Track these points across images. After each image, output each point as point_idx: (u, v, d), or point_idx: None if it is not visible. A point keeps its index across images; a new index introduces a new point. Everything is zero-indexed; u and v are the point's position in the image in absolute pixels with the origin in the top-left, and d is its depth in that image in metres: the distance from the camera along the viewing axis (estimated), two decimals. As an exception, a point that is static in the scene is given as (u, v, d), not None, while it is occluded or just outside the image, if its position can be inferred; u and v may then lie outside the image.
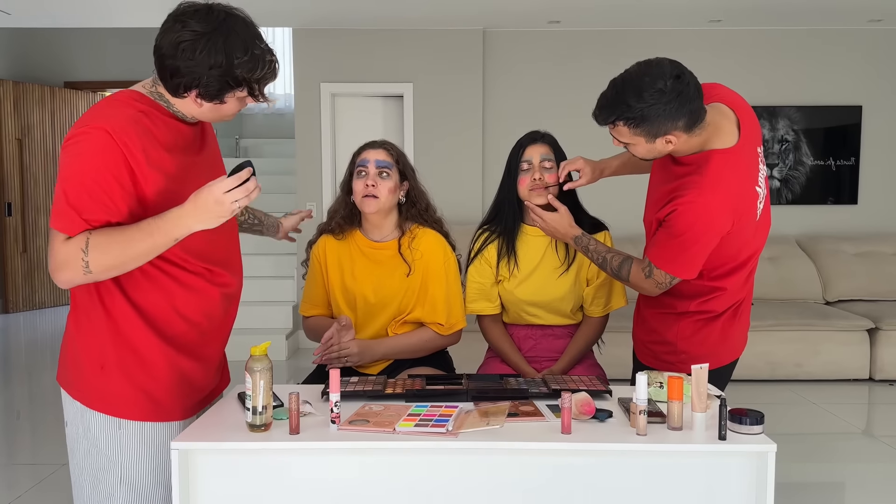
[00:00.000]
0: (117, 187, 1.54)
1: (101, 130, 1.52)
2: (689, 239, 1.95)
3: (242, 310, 6.71)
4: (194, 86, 1.58)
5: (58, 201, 1.54)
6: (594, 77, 5.70)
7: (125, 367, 1.66)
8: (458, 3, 4.96)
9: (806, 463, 3.55)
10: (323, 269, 2.43)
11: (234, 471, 1.63)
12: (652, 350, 2.26)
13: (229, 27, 1.56)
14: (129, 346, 1.65)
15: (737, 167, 1.95)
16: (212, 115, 1.67)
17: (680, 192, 1.95)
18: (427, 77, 5.73)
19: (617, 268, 2.18)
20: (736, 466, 1.62)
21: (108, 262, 1.55)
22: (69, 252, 1.53)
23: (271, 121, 8.68)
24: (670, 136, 1.89)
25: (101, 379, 1.66)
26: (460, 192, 5.68)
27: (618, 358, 2.47)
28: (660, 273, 2.04)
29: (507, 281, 2.47)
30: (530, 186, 2.38)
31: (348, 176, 2.39)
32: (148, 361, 1.67)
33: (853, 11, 5.24)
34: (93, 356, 1.66)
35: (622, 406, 1.82)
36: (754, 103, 6.21)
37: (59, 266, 1.54)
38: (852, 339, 4.85)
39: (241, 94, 1.62)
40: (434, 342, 2.41)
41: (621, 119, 1.88)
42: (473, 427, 1.66)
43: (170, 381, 1.71)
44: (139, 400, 1.68)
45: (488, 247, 2.49)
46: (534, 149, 2.40)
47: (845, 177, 5.83)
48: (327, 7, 5.08)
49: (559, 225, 2.30)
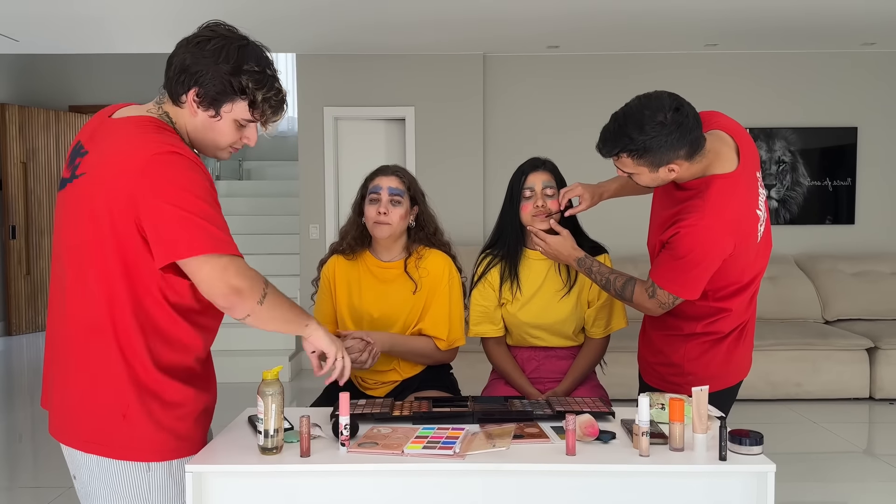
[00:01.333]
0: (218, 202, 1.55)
1: (177, 154, 1.50)
2: (691, 261, 2.00)
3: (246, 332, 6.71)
4: (196, 82, 1.54)
5: (194, 226, 1.47)
6: (593, 101, 5.83)
7: (150, 411, 1.58)
8: (459, 28, 5.05)
9: (807, 482, 3.57)
10: (332, 288, 2.48)
11: (246, 493, 1.67)
12: (658, 371, 2.29)
13: (248, 42, 1.59)
14: (150, 391, 1.58)
15: (737, 191, 2.00)
16: (204, 134, 1.61)
17: (682, 216, 2.00)
18: (428, 101, 5.81)
19: (620, 288, 2.21)
20: (737, 486, 1.66)
21: (266, 317, 1.60)
22: (255, 281, 1.56)
23: (275, 143, 8.76)
24: (673, 164, 1.95)
25: (123, 428, 1.57)
26: (461, 214, 5.73)
27: (621, 377, 2.51)
28: (663, 293, 2.09)
29: (510, 304, 2.51)
30: (533, 213, 2.43)
31: (360, 199, 2.46)
32: (171, 402, 1.61)
33: (847, 35, 5.33)
34: (109, 403, 1.57)
35: (625, 427, 1.86)
36: (751, 125, 6.30)
37: (246, 287, 1.53)
38: (852, 358, 4.88)
39: (239, 108, 1.58)
40: (433, 354, 2.45)
41: (625, 151, 1.94)
42: (480, 449, 1.69)
43: (194, 417, 1.67)
44: (167, 441, 1.62)
45: (491, 270, 2.53)
46: (536, 176, 2.45)
47: (842, 197, 5.90)
48: (330, 33, 5.17)
49: (562, 248, 2.35)
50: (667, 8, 4.59)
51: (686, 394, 2.06)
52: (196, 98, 1.56)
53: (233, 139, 1.63)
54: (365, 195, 2.43)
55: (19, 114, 7.26)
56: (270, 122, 1.65)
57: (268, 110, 1.61)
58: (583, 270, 2.33)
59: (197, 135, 1.62)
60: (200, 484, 1.64)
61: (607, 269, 2.29)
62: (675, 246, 2.00)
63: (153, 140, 1.51)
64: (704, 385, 1.74)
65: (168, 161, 1.48)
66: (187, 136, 1.62)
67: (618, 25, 5.00)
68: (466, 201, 5.81)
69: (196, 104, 1.57)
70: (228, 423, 1.94)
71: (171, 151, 1.49)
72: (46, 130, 7.49)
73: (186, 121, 1.60)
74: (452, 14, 4.69)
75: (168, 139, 1.53)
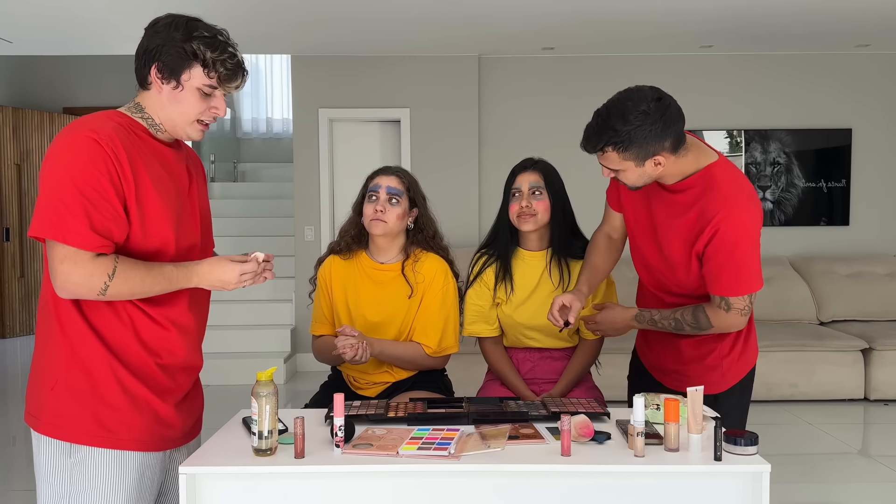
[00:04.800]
0: (114, 193, 1.55)
1: (87, 138, 1.53)
2: (743, 251, 1.94)
3: (240, 334, 6.70)
4: (155, 57, 1.60)
5: (51, 209, 1.50)
6: (588, 102, 5.73)
7: (74, 387, 1.61)
8: (454, 30, 5.05)
9: (802, 483, 3.57)
10: (328, 289, 2.48)
11: (240, 495, 1.66)
12: (686, 373, 2.19)
13: (198, 20, 1.65)
14: (82, 366, 1.61)
15: (737, 170, 2.02)
16: (172, 109, 1.65)
17: (707, 215, 1.94)
18: (424, 102, 5.81)
19: (693, 322, 2.07)
20: (731, 487, 1.66)
21: (124, 292, 1.57)
22: (94, 272, 1.53)
23: (269, 145, 8.76)
24: (659, 157, 1.90)
25: (51, 400, 1.61)
26: (457, 215, 5.73)
27: (616, 379, 2.50)
28: (737, 300, 1.99)
29: (505, 305, 2.51)
30: (517, 213, 2.43)
31: (360, 198, 2.46)
32: (100, 383, 1.61)
33: (841, 37, 5.35)
34: (45, 377, 1.63)
35: (620, 428, 1.85)
36: (746, 127, 6.32)
37: (76, 283, 1.53)
38: (847, 359, 4.89)
39: (197, 74, 1.62)
40: (421, 361, 2.44)
41: (609, 144, 1.88)
42: (475, 450, 1.69)
43: (123, 406, 1.64)
44: (88, 424, 1.61)
45: (486, 270, 2.53)
46: (524, 177, 2.45)
47: (837, 198, 5.91)
48: (325, 34, 5.17)
49: (614, 319, 2.24)
50: (661, 10, 4.60)
51: (719, 388, 2.10)
52: (158, 73, 1.62)
53: (200, 109, 1.66)
54: (365, 195, 2.43)
55: (13, 115, 7.24)
56: (227, 86, 1.67)
57: (222, 71, 1.63)
58: (646, 325, 2.20)
59: (166, 112, 1.66)
60: (194, 486, 1.63)
61: (668, 311, 2.13)
62: (722, 244, 1.93)
63: (82, 123, 1.58)
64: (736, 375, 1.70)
65: (62, 139, 1.54)
66: (158, 118, 1.67)
67: (613, 27, 5.01)
68: (462, 203, 5.81)
69: (159, 80, 1.62)
70: (222, 425, 1.93)
71: (75, 132, 1.54)
72: (40, 132, 7.47)
73: (155, 100, 1.65)
74: (447, 15, 4.69)
75: (90, 122, 1.58)
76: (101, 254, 1.55)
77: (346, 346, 2.23)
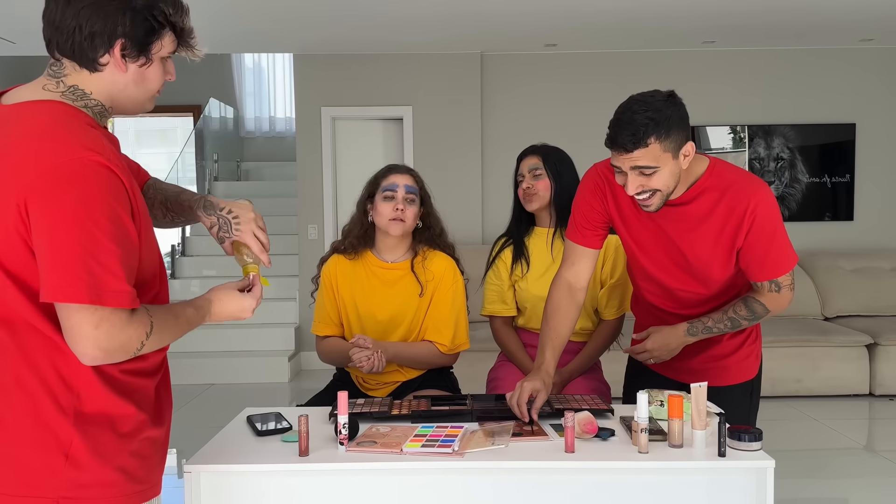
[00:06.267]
0: (135, 232, 1.30)
1: (97, 164, 1.24)
2: (779, 229, 1.97)
3: (244, 332, 6.70)
4: (119, 34, 1.31)
5: (80, 265, 1.21)
6: (591, 98, 5.82)
7: (100, 445, 1.30)
8: (456, 27, 5.04)
9: (807, 479, 3.56)
10: (334, 289, 2.47)
11: (244, 493, 1.66)
12: (707, 368, 2.16)
13: None
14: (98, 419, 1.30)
15: (730, 163, 2.02)
16: (136, 89, 1.39)
17: (739, 209, 1.91)
18: (426, 100, 5.80)
19: (749, 314, 2.05)
20: (736, 483, 1.66)
21: (155, 346, 1.34)
22: (133, 333, 1.28)
23: (272, 144, 8.75)
24: (687, 147, 1.86)
25: (68, 472, 1.27)
26: (460, 212, 5.72)
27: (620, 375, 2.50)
28: (784, 278, 2.01)
29: (521, 280, 2.56)
30: (522, 196, 2.54)
31: (367, 196, 2.44)
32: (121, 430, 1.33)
33: (845, 31, 5.33)
34: (49, 446, 1.27)
35: (624, 424, 1.85)
36: (749, 122, 6.30)
37: (117, 347, 1.26)
38: (851, 354, 4.88)
39: (167, 42, 1.38)
40: (435, 359, 2.45)
41: (653, 133, 1.79)
42: (479, 447, 1.69)
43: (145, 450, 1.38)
44: (122, 482, 1.33)
45: (504, 251, 2.62)
46: (525, 161, 2.57)
47: (841, 193, 5.89)
48: (327, 33, 5.17)
49: (665, 340, 2.11)
50: (664, 5, 4.59)
51: (737, 381, 2.13)
52: (122, 51, 1.34)
53: (162, 81, 1.43)
54: (374, 193, 2.41)
55: (17, 116, 7.24)
56: (193, 42, 1.44)
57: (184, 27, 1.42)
58: (702, 335, 2.09)
59: (128, 93, 1.39)
60: (199, 483, 1.64)
61: (718, 312, 2.07)
62: (762, 229, 1.92)
63: (64, 138, 1.26)
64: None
65: (74, 173, 1.22)
66: (110, 102, 1.38)
67: (615, 23, 5.00)
68: (465, 200, 5.81)
69: (124, 59, 1.34)
70: (226, 423, 1.94)
71: (86, 160, 1.23)
72: (44, 132, 7.46)
73: (111, 83, 1.36)
74: (450, 13, 4.68)
75: (84, 137, 1.27)
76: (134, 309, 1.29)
77: (362, 358, 2.24)
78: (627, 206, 2.04)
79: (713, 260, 2.01)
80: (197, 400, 5.06)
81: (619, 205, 2.06)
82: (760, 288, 2.03)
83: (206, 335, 5.63)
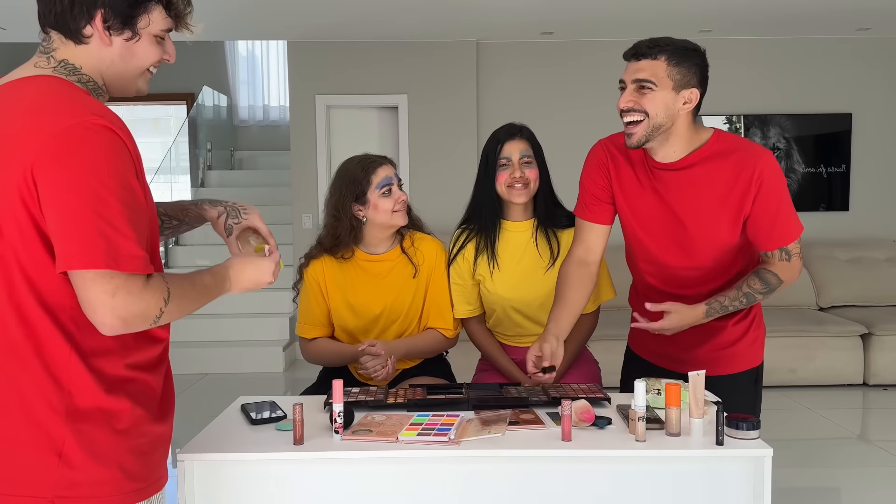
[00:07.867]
0: (143, 195, 1.28)
1: (102, 127, 1.21)
2: (786, 193, 1.96)
3: (239, 322, 6.69)
4: (99, 3, 1.27)
5: (95, 231, 1.18)
6: (587, 87, 5.80)
7: (94, 443, 1.26)
8: (452, 15, 5.01)
9: (802, 468, 3.57)
10: (323, 291, 2.39)
11: (238, 482, 1.65)
12: (716, 357, 2.13)
13: None
14: (91, 416, 1.26)
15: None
16: (125, 65, 1.34)
17: (746, 171, 1.90)
18: (421, 89, 5.77)
19: (763, 286, 1.99)
20: (733, 471, 1.65)
21: (174, 315, 1.30)
22: (151, 299, 1.25)
23: (266, 132, 8.71)
24: (692, 90, 1.89)
25: (62, 472, 1.24)
26: (455, 201, 5.66)
27: (616, 365, 2.48)
28: (794, 246, 1.98)
29: (489, 280, 2.38)
30: (508, 183, 2.30)
31: (353, 196, 2.32)
32: (118, 426, 1.29)
33: (842, 20, 5.31)
34: (42, 445, 1.24)
35: (621, 413, 1.84)
36: (745, 112, 6.27)
37: (135, 314, 1.23)
38: (846, 344, 4.89)
39: (156, 17, 1.33)
40: (441, 346, 2.47)
41: (665, 52, 1.87)
42: (475, 435, 1.68)
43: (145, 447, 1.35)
44: (118, 481, 1.29)
45: (467, 246, 2.41)
46: (512, 145, 2.33)
47: (837, 184, 5.89)
48: (321, 20, 5.12)
49: (682, 319, 2.00)
50: (661, -7, 4.57)
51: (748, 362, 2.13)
52: (104, 23, 1.29)
53: (155, 58, 1.37)
54: (366, 190, 2.30)
55: (8, 104, 7.19)
56: (185, 22, 1.39)
57: (181, 6, 1.37)
58: (720, 313, 2.02)
59: (115, 69, 1.34)
60: (193, 472, 1.62)
61: (733, 289, 2.01)
62: (770, 193, 1.91)
63: (66, 105, 1.23)
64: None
65: (80, 137, 1.19)
66: (102, 79, 1.34)
67: (612, 12, 4.97)
68: (461, 189, 5.70)
69: (107, 31, 1.30)
70: (220, 412, 1.92)
71: (90, 123, 1.20)
72: (36, 120, 7.41)
73: (98, 58, 1.32)
74: (445, 0, 4.65)
75: (84, 102, 1.25)
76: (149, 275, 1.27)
77: (376, 367, 2.19)
78: (629, 180, 2.05)
79: (717, 227, 1.97)
80: (191, 390, 5.04)
81: (620, 178, 2.07)
82: (771, 258, 2.01)
83: (200, 324, 5.62)
